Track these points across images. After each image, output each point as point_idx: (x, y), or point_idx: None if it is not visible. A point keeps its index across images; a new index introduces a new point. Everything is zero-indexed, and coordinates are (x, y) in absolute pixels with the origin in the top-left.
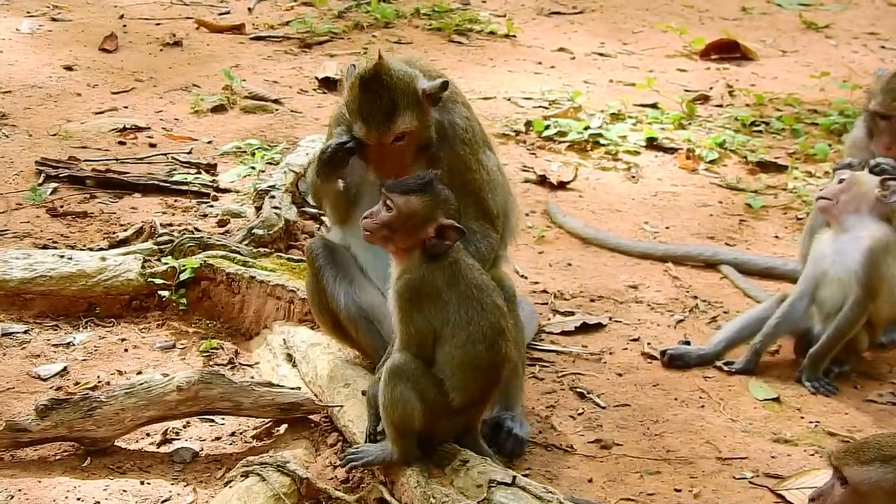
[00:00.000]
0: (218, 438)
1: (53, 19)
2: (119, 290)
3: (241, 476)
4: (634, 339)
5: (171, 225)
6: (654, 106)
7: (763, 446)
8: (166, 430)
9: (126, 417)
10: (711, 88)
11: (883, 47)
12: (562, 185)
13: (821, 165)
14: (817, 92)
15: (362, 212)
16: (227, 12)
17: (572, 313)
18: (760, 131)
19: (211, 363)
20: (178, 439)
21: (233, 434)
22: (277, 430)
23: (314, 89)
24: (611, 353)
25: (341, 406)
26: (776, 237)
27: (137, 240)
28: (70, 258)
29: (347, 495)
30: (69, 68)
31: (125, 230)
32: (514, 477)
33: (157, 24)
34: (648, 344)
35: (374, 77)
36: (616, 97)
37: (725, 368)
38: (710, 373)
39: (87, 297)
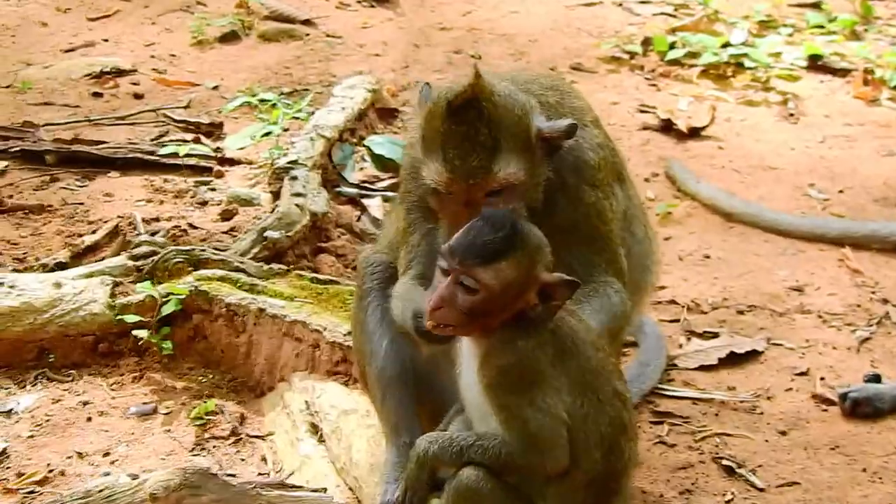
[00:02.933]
0: None
1: None
2: (80, 330)
3: None
4: (802, 374)
5: (157, 220)
6: (817, 6)
7: None
8: None
9: None
10: None
11: None
12: (694, 133)
13: None
14: None
15: None
16: None
17: (714, 335)
18: None
19: (207, 435)
20: None
21: None
22: None
23: (359, 1)
24: (769, 399)
25: None
26: None
27: (109, 245)
28: (13, 286)
29: None
30: None
31: (94, 231)
32: None
33: None
34: (822, 380)
35: (469, 104)
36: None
37: None
38: None
39: (37, 341)
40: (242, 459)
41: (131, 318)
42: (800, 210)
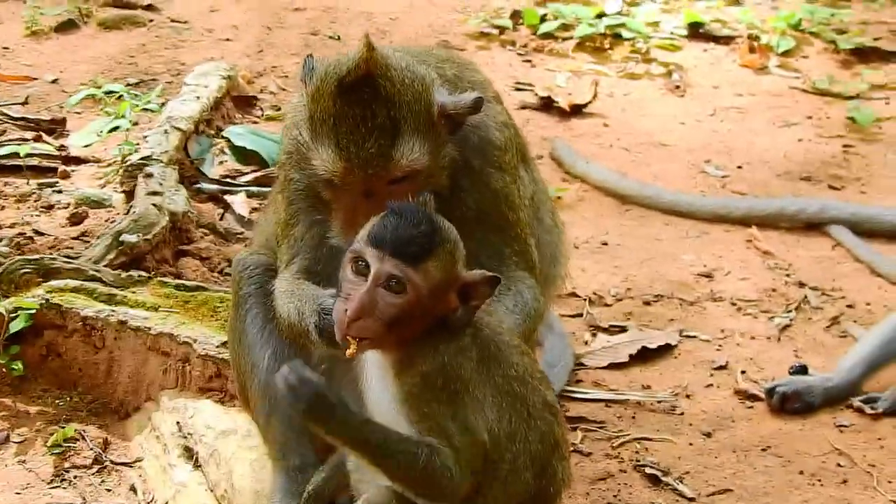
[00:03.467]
0: None
1: None
2: None
3: None
4: (721, 367)
5: None
6: None
7: None
8: None
9: None
10: None
11: None
12: (576, 111)
13: None
14: None
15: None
16: None
17: (622, 329)
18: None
19: (67, 465)
20: None
21: None
22: None
23: None
24: (688, 397)
25: None
26: None
27: None
28: None
29: None
30: None
31: None
32: None
33: None
34: (743, 373)
35: (363, 81)
36: None
37: (868, 409)
38: (846, 417)
39: None
40: (109, 490)
41: None
42: (699, 189)
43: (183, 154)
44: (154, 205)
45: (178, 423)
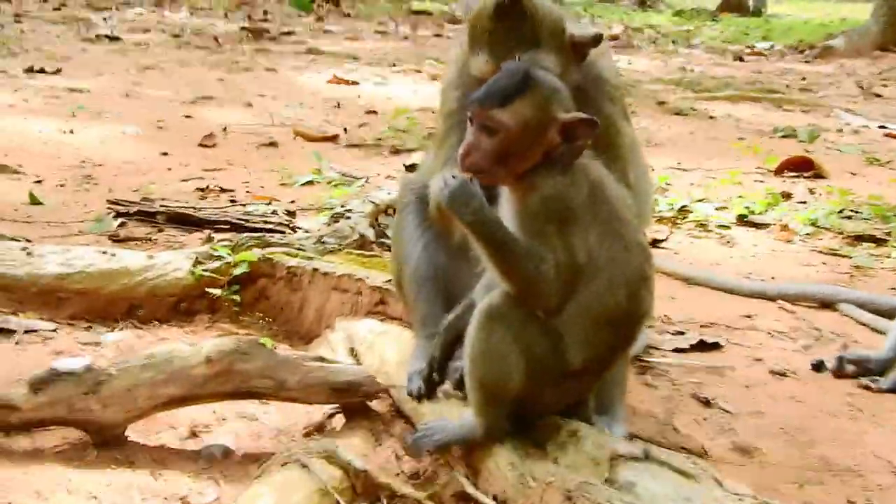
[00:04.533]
0: (259, 436)
1: (159, 128)
2: (166, 291)
3: (280, 467)
4: (758, 360)
5: None
6: (739, 197)
7: None
8: (195, 423)
9: (140, 396)
10: (793, 190)
11: None
12: (655, 244)
13: None
14: None
15: None
16: (325, 131)
17: (684, 333)
18: (850, 218)
19: None
20: (209, 433)
21: (278, 431)
22: (332, 426)
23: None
24: (733, 370)
25: None
26: (893, 289)
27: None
28: (114, 255)
29: (417, 491)
30: (165, 154)
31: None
32: (647, 450)
33: (258, 135)
34: (775, 364)
35: (515, 3)
36: (699, 188)
37: (873, 386)
38: (856, 390)
39: (129, 298)
40: None
41: (208, 276)
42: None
43: (374, 221)
44: (350, 227)
45: (346, 333)
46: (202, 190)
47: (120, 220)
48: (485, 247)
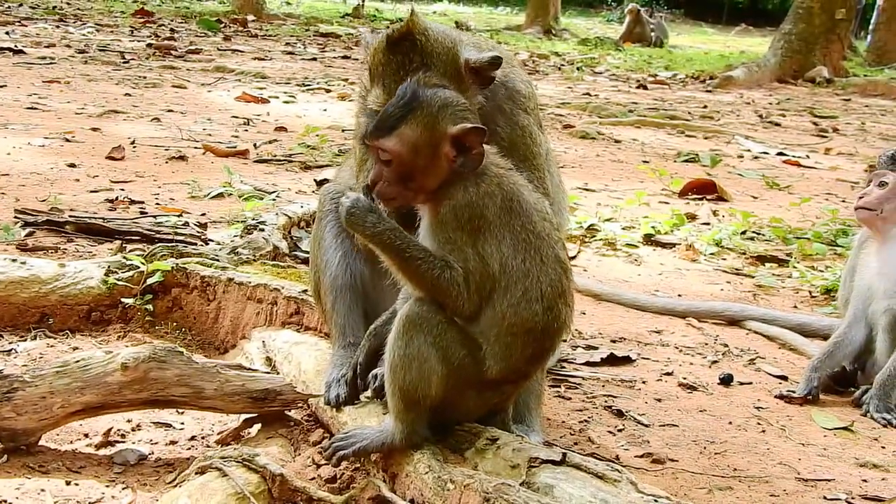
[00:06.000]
0: (173, 443)
1: (66, 140)
2: (77, 300)
3: (197, 473)
4: (668, 374)
5: None
6: (645, 217)
7: (849, 470)
8: (109, 430)
9: (55, 403)
10: (697, 211)
11: (844, 201)
12: None
13: (822, 261)
14: (799, 216)
15: None
16: (234, 146)
17: (595, 348)
18: (752, 239)
19: None
20: (123, 442)
21: (192, 438)
22: (248, 433)
23: (313, 191)
24: (644, 383)
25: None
26: (795, 307)
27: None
28: (24, 263)
29: (334, 496)
30: (72, 165)
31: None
32: (564, 454)
33: (166, 149)
34: (684, 378)
35: (405, 37)
36: (606, 208)
37: (786, 393)
38: (764, 402)
39: (40, 307)
40: None
41: (120, 284)
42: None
43: (287, 234)
44: (264, 238)
45: (262, 342)
46: (111, 201)
47: (28, 229)
48: (389, 257)
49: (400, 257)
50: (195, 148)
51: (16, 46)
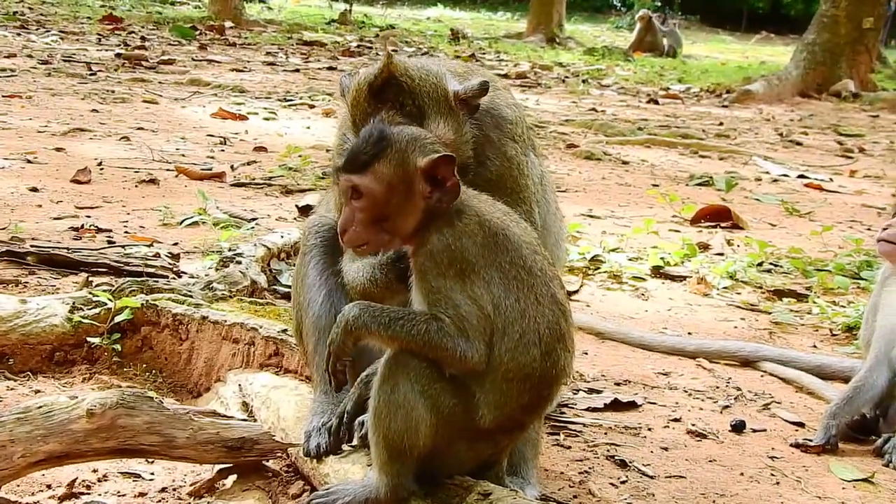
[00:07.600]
0: (142, 494)
1: (28, 161)
2: (39, 339)
3: None
4: (676, 420)
5: None
6: (654, 247)
7: None
8: (73, 481)
9: (15, 452)
10: (710, 241)
11: (869, 228)
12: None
13: (844, 296)
14: (820, 246)
15: None
16: (210, 168)
17: (598, 391)
18: (769, 271)
19: None
20: (88, 494)
21: (163, 490)
22: (223, 485)
23: (294, 218)
24: (650, 430)
25: None
26: (814, 346)
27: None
28: None
29: None
30: (35, 189)
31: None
32: None
33: (136, 171)
34: (693, 425)
35: (387, 81)
36: (612, 237)
37: (802, 442)
38: (778, 452)
39: None
40: None
41: (86, 323)
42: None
43: (266, 267)
44: (241, 272)
45: (238, 386)
46: (76, 229)
47: None
48: (395, 344)
49: (405, 339)
50: (167, 170)
51: None
